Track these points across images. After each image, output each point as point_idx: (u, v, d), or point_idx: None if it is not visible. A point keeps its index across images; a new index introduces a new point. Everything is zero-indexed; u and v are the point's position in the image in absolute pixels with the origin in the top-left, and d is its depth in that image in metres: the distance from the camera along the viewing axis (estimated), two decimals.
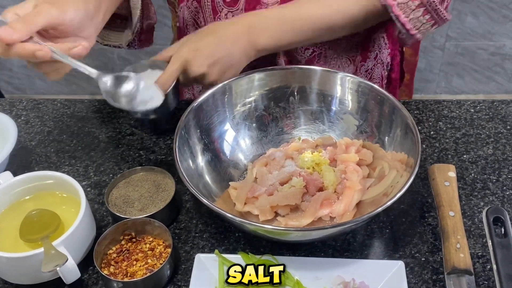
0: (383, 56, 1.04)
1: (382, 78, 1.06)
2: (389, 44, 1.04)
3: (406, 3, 0.83)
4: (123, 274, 0.70)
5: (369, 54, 1.00)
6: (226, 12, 0.91)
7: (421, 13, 0.84)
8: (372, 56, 1.01)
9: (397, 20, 0.84)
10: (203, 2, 0.92)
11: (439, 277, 0.71)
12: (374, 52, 1.01)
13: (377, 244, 0.75)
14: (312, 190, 0.77)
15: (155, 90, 0.78)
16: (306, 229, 0.71)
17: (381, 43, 1.02)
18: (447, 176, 0.78)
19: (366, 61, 1.00)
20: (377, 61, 1.02)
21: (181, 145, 0.76)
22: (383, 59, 1.04)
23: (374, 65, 1.02)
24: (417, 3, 0.83)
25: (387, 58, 1.05)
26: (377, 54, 1.02)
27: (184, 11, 0.96)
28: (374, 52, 1.01)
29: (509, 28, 2.18)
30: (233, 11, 0.90)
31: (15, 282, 0.72)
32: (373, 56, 1.01)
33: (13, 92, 2.51)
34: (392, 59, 1.07)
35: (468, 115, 0.93)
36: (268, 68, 0.84)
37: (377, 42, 1.00)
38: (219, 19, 0.92)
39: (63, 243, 0.68)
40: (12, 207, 0.76)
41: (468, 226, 0.76)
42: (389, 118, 0.80)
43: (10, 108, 1.01)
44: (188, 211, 0.80)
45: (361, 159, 0.80)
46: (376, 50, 1.01)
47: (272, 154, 0.83)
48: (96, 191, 0.84)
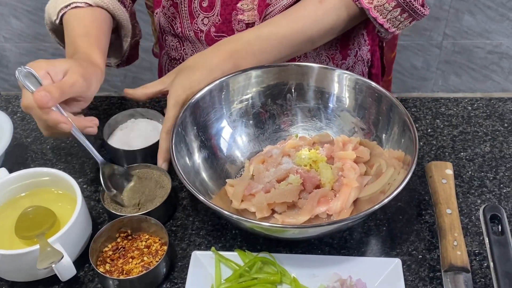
0: (363, 53, 1.04)
1: (363, 74, 1.06)
2: (368, 41, 1.04)
3: (383, 5, 0.84)
4: (119, 271, 0.70)
5: (349, 52, 1.01)
6: (202, 18, 0.92)
7: (399, 13, 0.85)
8: (352, 54, 1.01)
9: (375, 21, 0.86)
10: (180, 8, 0.93)
11: (436, 275, 0.70)
12: (354, 50, 1.01)
13: (374, 242, 0.75)
14: (309, 188, 0.77)
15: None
16: (302, 226, 0.71)
17: (360, 40, 1.02)
18: (444, 173, 0.78)
19: (346, 59, 1.01)
20: (358, 58, 1.03)
21: (177, 142, 0.75)
22: (363, 56, 1.04)
23: (354, 62, 1.03)
24: (394, 4, 0.84)
25: (367, 55, 1.06)
26: (357, 51, 1.02)
27: (160, 17, 0.97)
28: (354, 49, 1.01)
29: (506, 26, 2.18)
30: (209, 17, 0.92)
31: (11, 279, 0.72)
32: (353, 53, 1.01)
33: (9, 89, 2.50)
34: (372, 55, 1.07)
35: (466, 113, 0.93)
36: (265, 65, 0.84)
37: (356, 39, 1.01)
38: (195, 24, 0.93)
39: (59, 240, 0.68)
40: (8, 204, 0.76)
41: (465, 224, 0.76)
42: (386, 115, 0.79)
43: (6, 105, 1.00)
44: (185, 208, 0.80)
45: (358, 156, 0.79)
46: (356, 48, 1.02)
47: (269, 151, 0.83)
48: (92, 188, 0.84)
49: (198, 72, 0.82)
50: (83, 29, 0.86)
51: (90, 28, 0.86)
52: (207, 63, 0.83)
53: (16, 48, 2.35)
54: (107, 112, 0.98)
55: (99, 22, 0.88)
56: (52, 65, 0.74)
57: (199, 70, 0.82)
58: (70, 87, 0.73)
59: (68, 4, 0.88)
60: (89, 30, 0.86)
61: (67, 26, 0.87)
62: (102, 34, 0.87)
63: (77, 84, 0.73)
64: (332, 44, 0.97)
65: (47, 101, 0.69)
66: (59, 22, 0.90)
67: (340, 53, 0.99)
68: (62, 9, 0.88)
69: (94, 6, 0.89)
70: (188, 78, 0.81)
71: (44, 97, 0.69)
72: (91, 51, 0.82)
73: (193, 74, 0.82)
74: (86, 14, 0.87)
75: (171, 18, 0.95)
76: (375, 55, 1.08)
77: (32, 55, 2.36)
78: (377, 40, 1.07)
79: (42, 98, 0.68)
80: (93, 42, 0.84)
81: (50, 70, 0.73)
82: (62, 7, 0.88)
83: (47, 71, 0.73)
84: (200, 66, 0.83)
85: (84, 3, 0.88)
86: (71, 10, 0.88)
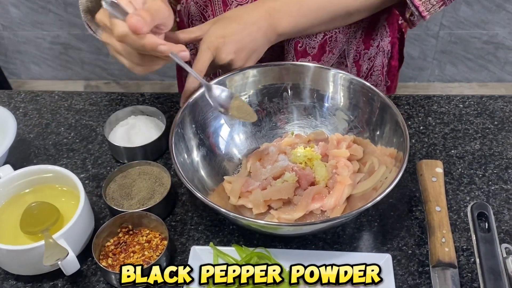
0: (385, 44, 1.06)
1: (383, 66, 1.08)
2: (389, 32, 1.06)
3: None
4: (121, 265, 0.72)
5: (372, 42, 1.02)
6: (236, 5, 0.92)
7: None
8: (375, 44, 1.03)
9: (411, 3, 0.87)
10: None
11: (425, 269, 0.73)
12: (377, 40, 1.03)
13: (366, 237, 0.78)
14: (304, 185, 0.79)
15: None
16: (297, 224, 0.74)
17: (383, 31, 1.04)
18: (434, 172, 0.80)
19: (369, 49, 1.03)
20: (379, 49, 1.05)
21: (177, 140, 0.77)
22: (384, 47, 1.06)
23: (376, 53, 1.04)
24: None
25: (388, 46, 1.07)
26: (379, 42, 1.04)
27: (191, 7, 0.96)
28: (377, 40, 1.03)
29: (502, 17, 2.19)
30: (243, 3, 0.92)
31: (16, 273, 0.74)
32: (375, 44, 1.03)
33: (8, 77, 2.50)
34: (391, 47, 1.09)
35: (457, 111, 0.96)
36: (262, 64, 0.86)
37: (380, 30, 1.03)
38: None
39: (63, 236, 0.70)
40: (13, 200, 0.78)
41: (454, 220, 0.79)
42: (379, 114, 0.82)
43: (9, 100, 1.02)
44: (184, 204, 0.83)
45: (352, 154, 0.82)
46: (379, 38, 1.04)
47: (266, 148, 0.85)
48: (94, 183, 0.87)
49: (234, 24, 0.83)
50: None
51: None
52: (245, 17, 0.84)
53: (15, 36, 2.36)
54: (107, 108, 1.00)
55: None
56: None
57: (236, 22, 0.83)
58: (157, 13, 0.71)
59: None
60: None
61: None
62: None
63: (162, 10, 0.72)
64: (357, 32, 0.99)
65: (141, 25, 0.68)
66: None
67: (363, 43, 1.01)
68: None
69: None
70: (224, 28, 0.83)
71: (138, 22, 0.68)
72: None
73: (229, 24, 0.83)
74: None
75: (203, 6, 0.95)
76: (394, 47, 1.10)
77: (30, 43, 2.37)
78: (396, 32, 1.09)
79: (137, 22, 0.68)
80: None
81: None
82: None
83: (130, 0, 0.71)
84: (237, 18, 0.84)
85: None
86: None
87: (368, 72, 1.06)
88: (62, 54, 2.41)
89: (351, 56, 1.01)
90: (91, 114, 0.99)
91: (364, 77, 1.06)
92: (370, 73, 1.06)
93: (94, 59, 2.41)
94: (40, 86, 2.49)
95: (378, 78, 1.08)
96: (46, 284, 0.74)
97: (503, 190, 0.83)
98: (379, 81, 1.08)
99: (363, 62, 1.03)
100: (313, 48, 0.95)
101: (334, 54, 0.98)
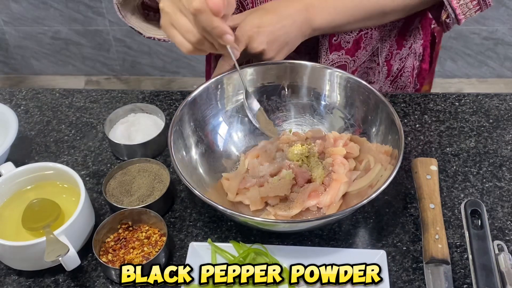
0: (417, 46, 1.07)
1: (414, 68, 1.10)
2: (422, 35, 1.07)
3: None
4: (121, 261, 0.74)
5: (405, 43, 1.04)
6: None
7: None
8: (408, 46, 1.04)
9: (449, 5, 0.88)
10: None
11: (419, 265, 0.75)
12: (410, 42, 1.04)
13: (361, 234, 0.79)
14: (301, 182, 0.80)
15: None
16: (293, 221, 0.75)
17: (416, 34, 1.05)
18: (429, 169, 0.81)
19: (401, 49, 1.04)
20: (411, 50, 1.06)
21: (175, 138, 0.79)
22: (416, 49, 1.08)
23: (408, 54, 1.06)
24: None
25: (420, 49, 1.08)
26: (411, 43, 1.05)
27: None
28: (410, 42, 1.04)
29: (502, 13, 2.20)
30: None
31: (18, 268, 0.76)
32: (408, 45, 1.04)
33: (9, 72, 2.52)
34: (423, 50, 1.10)
35: (453, 109, 0.97)
36: (261, 63, 0.87)
37: (413, 32, 1.04)
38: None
39: (64, 232, 0.72)
40: (14, 197, 0.80)
41: (448, 217, 0.80)
42: (375, 113, 0.83)
43: (10, 98, 1.04)
44: (183, 201, 0.84)
45: (348, 152, 0.83)
46: (411, 40, 1.05)
47: (264, 146, 0.86)
48: (95, 180, 0.88)
49: (270, 15, 0.84)
50: None
51: None
52: (281, 10, 0.85)
53: (16, 32, 2.37)
54: (108, 105, 1.01)
55: None
56: None
57: (272, 13, 0.84)
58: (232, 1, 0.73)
59: None
60: None
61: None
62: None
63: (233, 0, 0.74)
64: (392, 32, 1.00)
65: (222, 7, 0.69)
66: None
67: (396, 43, 1.02)
68: None
69: None
70: (259, 18, 0.84)
71: (220, 3, 0.68)
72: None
73: (265, 15, 0.84)
74: None
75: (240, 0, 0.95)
76: (426, 50, 1.11)
77: (32, 38, 2.38)
78: (429, 35, 1.10)
79: (220, 3, 0.68)
80: None
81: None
82: None
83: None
84: (274, 10, 0.85)
85: None
86: None
87: (398, 72, 1.07)
88: (63, 49, 2.42)
89: (384, 55, 1.02)
90: (92, 112, 1.00)
91: (394, 77, 1.08)
92: (400, 73, 1.08)
93: (95, 55, 2.42)
94: (41, 82, 2.50)
95: (408, 79, 1.09)
96: (48, 280, 0.75)
97: (497, 187, 0.84)
98: (408, 82, 1.09)
99: (394, 62, 1.05)
100: (347, 42, 0.96)
101: (367, 51, 0.99)
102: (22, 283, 0.75)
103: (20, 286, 0.75)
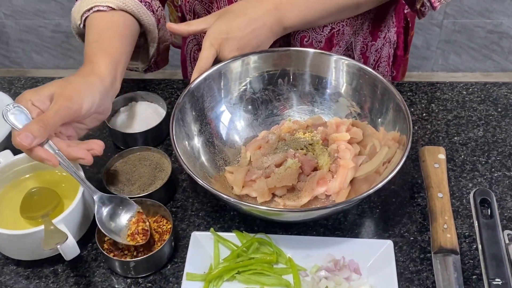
0: (391, 35, 1.05)
1: (389, 56, 1.08)
2: (395, 22, 1.05)
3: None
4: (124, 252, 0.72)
5: (379, 34, 1.02)
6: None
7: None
8: (382, 36, 1.02)
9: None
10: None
11: (427, 256, 0.73)
12: (384, 32, 1.02)
13: (368, 224, 0.78)
14: (307, 170, 0.79)
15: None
16: (299, 210, 0.74)
17: (389, 23, 1.03)
18: (437, 158, 0.80)
19: (376, 40, 1.02)
20: (386, 40, 1.04)
21: (177, 126, 0.77)
22: (390, 38, 1.05)
23: (383, 44, 1.04)
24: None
25: (394, 37, 1.06)
26: (386, 33, 1.03)
27: (195, 4, 0.94)
28: (384, 31, 1.02)
29: (506, 6, 2.17)
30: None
31: (17, 258, 0.74)
32: (382, 35, 1.02)
33: (10, 66, 2.50)
34: (397, 37, 1.08)
35: (460, 97, 0.95)
36: (263, 51, 0.85)
37: (387, 21, 1.02)
38: None
39: (63, 221, 0.70)
40: (13, 185, 0.78)
41: (456, 207, 0.78)
42: (381, 100, 0.81)
43: (9, 86, 1.02)
44: (185, 190, 0.83)
45: (352, 137, 0.81)
46: (385, 30, 1.03)
47: (265, 137, 0.84)
48: (95, 169, 0.86)
49: (239, 19, 0.81)
50: (96, 35, 0.82)
51: (103, 34, 0.82)
52: (250, 12, 0.82)
53: (16, 25, 2.35)
54: None
55: (116, 27, 0.83)
56: (36, 93, 0.70)
57: (241, 17, 0.82)
58: (54, 116, 0.69)
59: (90, 8, 0.83)
60: (102, 35, 0.81)
61: (86, 31, 0.84)
62: (117, 39, 0.82)
63: (62, 109, 0.69)
64: (364, 24, 0.98)
65: (29, 142, 0.67)
66: (83, 26, 0.86)
67: (371, 34, 1.00)
68: (84, 13, 0.84)
69: (117, 10, 0.84)
70: (228, 23, 0.81)
71: (24, 140, 0.66)
72: (96, 58, 0.77)
73: (233, 20, 0.81)
74: (103, 18, 0.83)
75: (208, 4, 0.93)
76: (400, 37, 1.09)
77: (32, 32, 2.37)
78: (402, 21, 1.08)
79: (22, 141, 0.66)
80: (101, 49, 0.79)
81: (34, 100, 0.70)
82: (85, 11, 0.84)
83: (32, 101, 0.70)
84: (243, 13, 0.82)
85: (106, 7, 0.83)
86: (92, 14, 0.83)
87: (375, 63, 1.05)
88: (64, 43, 2.40)
89: (358, 48, 1.00)
90: None
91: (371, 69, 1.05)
92: (377, 64, 1.06)
93: None
94: (42, 75, 2.48)
95: (385, 69, 1.07)
96: (46, 269, 0.74)
97: (506, 177, 0.82)
98: (385, 72, 1.08)
99: (370, 54, 1.03)
100: (319, 42, 0.94)
101: (341, 47, 0.97)
102: (20, 273, 0.74)
103: (18, 276, 0.73)
